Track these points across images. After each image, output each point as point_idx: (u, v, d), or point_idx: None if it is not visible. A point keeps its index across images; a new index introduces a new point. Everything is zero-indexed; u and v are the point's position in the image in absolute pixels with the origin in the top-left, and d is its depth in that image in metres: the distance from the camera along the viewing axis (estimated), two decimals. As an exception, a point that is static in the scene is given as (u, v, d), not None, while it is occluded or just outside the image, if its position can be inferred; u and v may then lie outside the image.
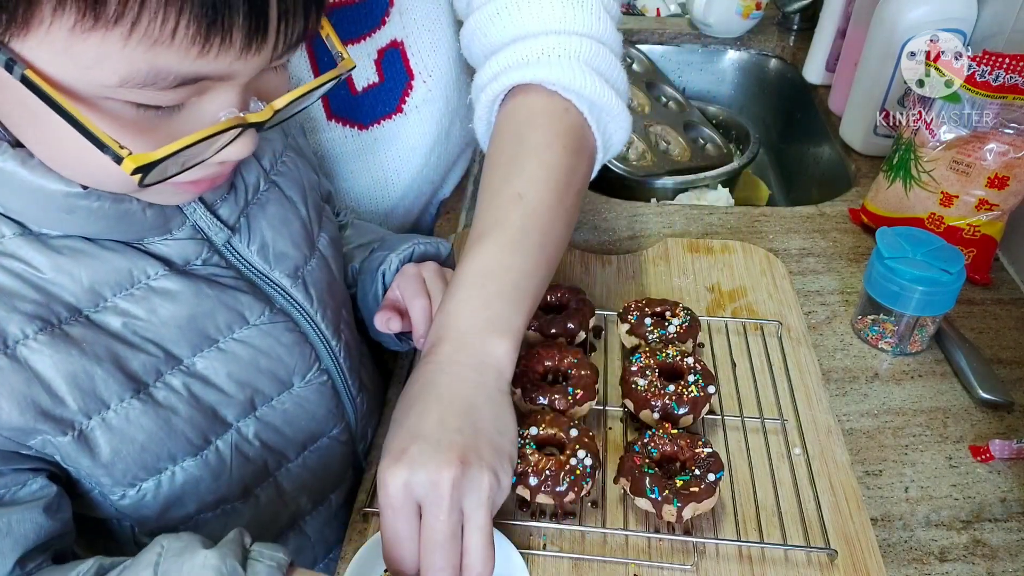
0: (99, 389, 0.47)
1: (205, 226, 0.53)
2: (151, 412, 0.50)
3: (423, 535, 0.49)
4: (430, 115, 0.87)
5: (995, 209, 0.87)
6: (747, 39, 1.51)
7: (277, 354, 0.57)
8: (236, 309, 0.54)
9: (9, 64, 0.38)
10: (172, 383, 0.51)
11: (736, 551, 0.62)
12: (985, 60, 0.83)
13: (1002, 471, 0.71)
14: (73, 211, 0.46)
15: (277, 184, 0.60)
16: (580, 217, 1.01)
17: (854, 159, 1.15)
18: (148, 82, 0.39)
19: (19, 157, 0.44)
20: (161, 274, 0.51)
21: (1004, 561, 0.64)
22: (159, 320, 0.50)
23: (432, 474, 0.49)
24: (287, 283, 0.58)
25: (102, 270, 0.48)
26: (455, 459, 0.49)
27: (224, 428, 0.55)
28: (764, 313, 0.85)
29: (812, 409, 0.74)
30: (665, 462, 0.65)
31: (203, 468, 0.54)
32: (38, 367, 0.45)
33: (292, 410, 0.59)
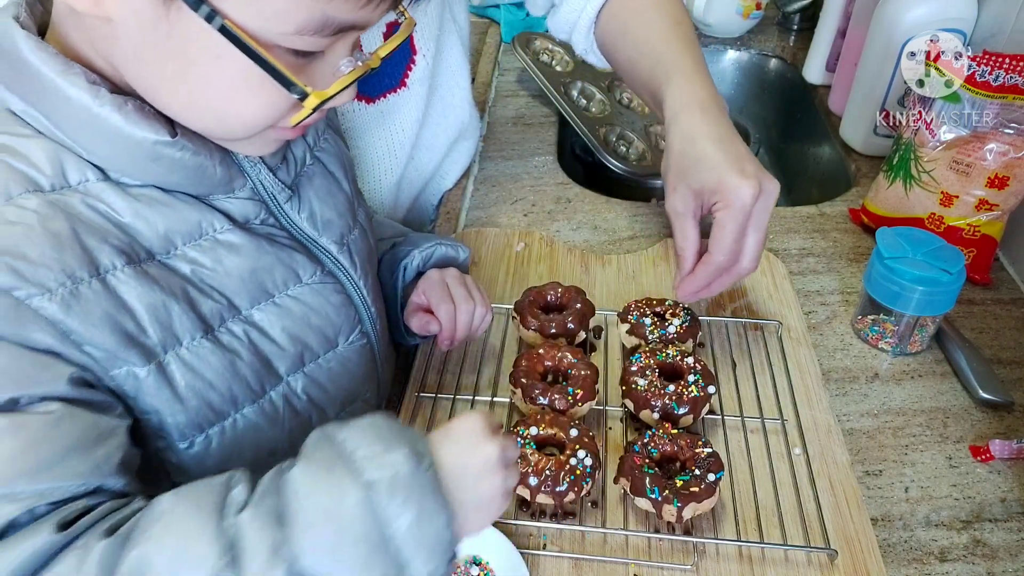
0: (175, 324, 0.50)
1: (266, 187, 0.57)
2: (218, 353, 0.52)
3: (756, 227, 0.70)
4: (429, 89, 0.92)
5: (995, 209, 0.87)
6: (747, 39, 1.51)
7: (326, 313, 0.60)
8: (291, 267, 0.57)
9: (210, 16, 0.43)
10: (234, 330, 0.54)
11: (736, 551, 0.62)
12: (985, 60, 0.83)
13: (1002, 471, 0.71)
14: (158, 159, 0.49)
15: (320, 160, 0.64)
16: (580, 217, 1.02)
17: (854, 159, 1.15)
18: (316, 30, 0.45)
19: (116, 103, 0.47)
20: (226, 228, 0.54)
21: (1004, 561, 0.64)
22: (223, 270, 0.53)
23: (771, 185, 0.70)
24: (334, 249, 0.62)
25: (175, 219, 0.51)
26: (772, 176, 0.71)
27: (276, 380, 0.57)
28: (764, 313, 0.85)
29: (812, 409, 0.74)
30: (665, 462, 0.65)
31: (260, 415, 0.56)
32: (125, 296, 0.48)
33: (336, 368, 0.62)
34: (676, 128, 0.72)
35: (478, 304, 0.73)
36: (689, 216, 0.73)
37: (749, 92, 1.53)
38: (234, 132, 0.51)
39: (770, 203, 0.70)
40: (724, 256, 0.70)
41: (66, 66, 0.47)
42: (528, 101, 1.31)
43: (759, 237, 0.70)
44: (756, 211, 0.69)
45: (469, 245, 0.87)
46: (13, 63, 0.47)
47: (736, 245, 0.70)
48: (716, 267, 0.71)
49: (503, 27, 1.51)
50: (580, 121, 1.18)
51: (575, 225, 1.00)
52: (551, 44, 1.34)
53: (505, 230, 0.98)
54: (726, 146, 0.70)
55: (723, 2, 1.43)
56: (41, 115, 0.48)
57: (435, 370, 0.78)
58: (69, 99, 0.46)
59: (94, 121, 0.47)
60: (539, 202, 1.05)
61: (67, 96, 0.46)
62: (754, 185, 0.68)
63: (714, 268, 0.71)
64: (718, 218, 0.70)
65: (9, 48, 0.47)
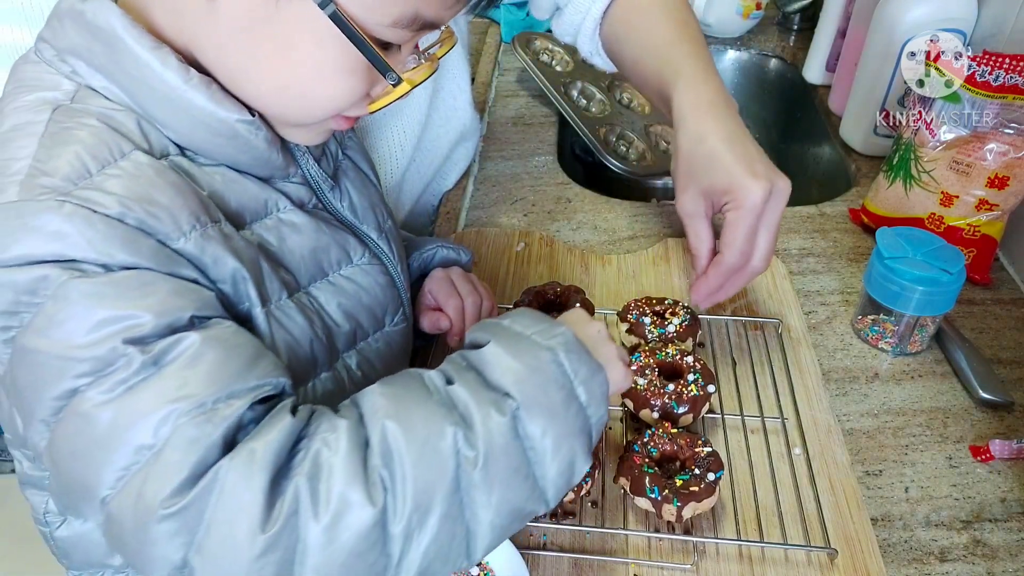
0: (265, 282, 0.52)
1: (315, 175, 0.59)
2: (301, 315, 0.54)
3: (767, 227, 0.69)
4: (431, 92, 0.93)
5: (995, 209, 0.87)
6: (747, 39, 1.51)
7: (375, 293, 0.62)
8: (344, 248, 0.59)
9: (324, 2, 0.45)
10: (303, 300, 0.56)
11: (736, 550, 0.62)
12: (985, 60, 0.83)
13: (1002, 471, 0.71)
14: (235, 137, 0.51)
15: (350, 156, 0.66)
16: (580, 217, 1.02)
17: (854, 159, 1.15)
18: (407, 24, 0.48)
19: (204, 82, 0.49)
20: (288, 207, 0.56)
21: (1004, 561, 0.64)
22: (287, 249, 0.55)
23: (783, 184, 0.69)
24: (375, 235, 0.64)
25: (245, 196, 0.53)
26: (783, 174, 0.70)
27: (336, 356, 0.59)
28: (764, 313, 0.85)
29: (812, 409, 0.74)
30: (665, 461, 0.65)
31: (334, 383, 0.58)
32: (219, 252, 0.49)
33: (382, 349, 0.63)
34: (684, 128, 0.72)
35: (484, 298, 0.74)
36: (701, 216, 0.72)
37: (749, 92, 1.53)
38: (312, 116, 0.53)
39: (781, 202, 0.69)
40: (735, 257, 0.69)
41: (156, 44, 0.48)
42: (528, 101, 1.31)
43: (770, 237, 0.70)
44: (767, 211, 0.68)
45: (469, 245, 0.87)
46: (104, 39, 0.48)
47: (747, 245, 0.69)
48: (728, 268, 0.70)
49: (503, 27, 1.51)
50: (580, 121, 1.18)
51: (575, 225, 1.00)
52: (551, 44, 1.34)
53: (505, 230, 0.98)
54: (736, 145, 0.70)
55: (723, 2, 1.43)
56: (123, 92, 0.49)
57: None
58: (159, 76, 0.48)
59: (181, 98, 0.48)
60: (539, 202, 1.05)
61: (158, 74, 0.48)
62: (765, 185, 0.67)
63: (726, 269, 0.70)
64: (729, 219, 0.69)
65: (102, 24, 0.48)
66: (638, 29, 0.81)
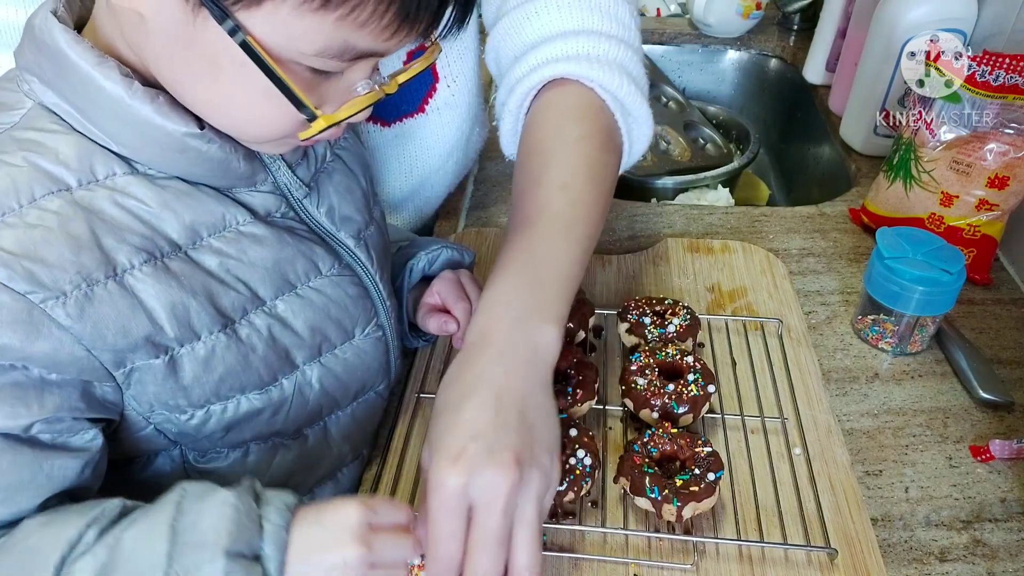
0: (193, 320, 0.51)
1: (286, 183, 0.58)
2: (233, 348, 0.53)
3: (473, 536, 0.47)
4: (451, 119, 0.90)
5: (995, 209, 0.87)
6: (747, 39, 1.51)
7: (344, 304, 0.61)
8: (312, 259, 0.58)
9: (233, 31, 0.44)
10: (255, 322, 0.55)
11: (736, 550, 0.62)
12: (985, 60, 0.83)
13: (1002, 471, 0.71)
14: (185, 151, 0.50)
15: (341, 157, 0.65)
16: (580, 217, 1.01)
17: (854, 159, 1.15)
18: (336, 55, 0.46)
19: (149, 95, 0.48)
20: (248, 220, 0.55)
21: (1004, 561, 0.64)
22: (248, 261, 0.54)
23: (492, 478, 0.47)
24: (351, 243, 0.62)
25: (200, 211, 0.52)
26: (512, 462, 0.47)
27: (292, 369, 0.58)
28: (764, 313, 0.85)
29: (812, 409, 0.74)
30: (665, 461, 0.65)
31: (266, 402, 0.57)
32: (142, 295, 0.49)
33: (351, 360, 0.62)
34: (455, 359, 0.55)
35: None
36: None
37: (749, 92, 1.53)
38: (253, 137, 0.53)
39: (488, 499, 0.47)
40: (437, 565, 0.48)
41: (101, 59, 0.48)
42: (528, 101, 1.31)
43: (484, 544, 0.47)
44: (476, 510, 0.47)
45: (469, 245, 0.87)
46: (50, 55, 0.48)
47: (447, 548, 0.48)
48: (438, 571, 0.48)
49: (503, 27, 1.50)
50: (580, 121, 1.18)
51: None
52: (551, 44, 1.34)
53: (505, 230, 0.98)
54: (465, 408, 0.50)
55: (723, 2, 1.43)
56: (73, 108, 0.49)
57: (435, 371, 0.78)
58: (103, 90, 0.48)
59: (126, 112, 0.48)
60: (539, 202, 1.05)
61: (101, 87, 0.48)
62: (460, 475, 0.47)
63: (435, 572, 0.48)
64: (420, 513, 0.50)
65: (47, 41, 0.48)
66: (516, 177, 0.65)
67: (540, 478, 0.49)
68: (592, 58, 0.65)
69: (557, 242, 0.59)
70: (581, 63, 0.65)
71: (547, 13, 0.68)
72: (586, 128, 0.64)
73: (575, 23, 0.67)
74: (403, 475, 0.68)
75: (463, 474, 0.47)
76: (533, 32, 0.69)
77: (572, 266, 0.59)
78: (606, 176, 0.65)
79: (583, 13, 0.68)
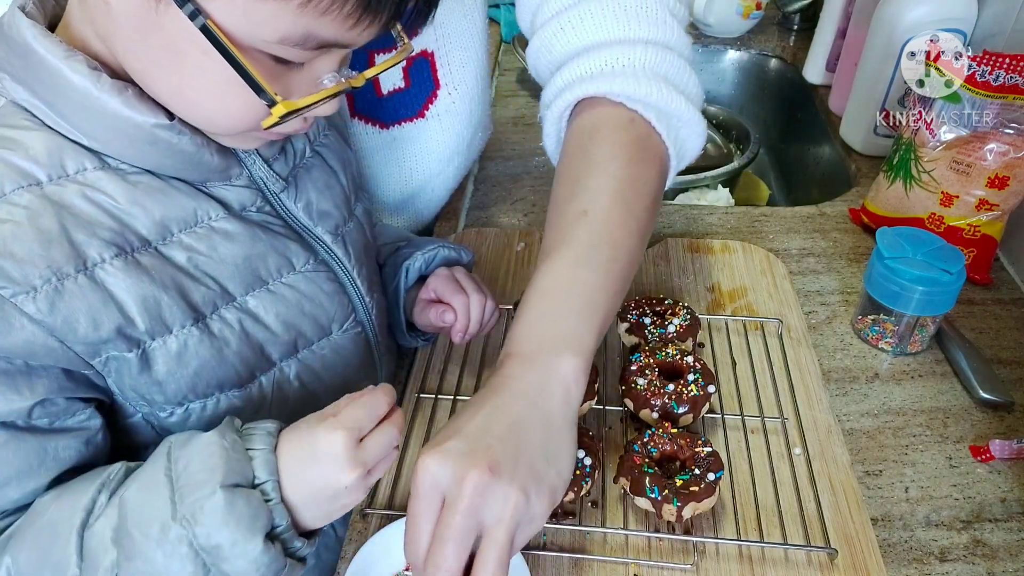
0: (164, 314, 0.51)
1: (262, 177, 0.58)
2: (206, 341, 0.54)
3: (437, 527, 0.48)
4: (451, 125, 0.90)
5: (995, 209, 0.87)
6: (747, 39, 1.51)
7: (319, 300, 0.61)
8: (285, 255, 0.58)
9: (194, 14, 0.44)
10: (227, 317, 0.55)
11: (736, 550, 0.62)
12: (985, 60, 0.83)
13: (1002, 471, 0.71)
14: (155, 143, 0.50)
15: (320, 154, 0.65)
16: (580, 217, 1.01)
17: (854, 159, 1.15)
18: (298, 43, 0.46)
19: (117, 87, 0.48)
20: (221, 216, 0.55)
21: (1004, 561, 0.64)
22: (218, 257, 0.54)
23: (459, 470, 0.47)
24: (328, 239, 0.63)
25: (171, 206, 0.52)
26: (485, 463, 0.47)
27: (269, 365, 0.58)
28: (764, 313, 0.85)
29: (812, 409, 0.74)
30: (665, 461, 0.65)
31: (246, 400, 0.57)
32: (113, 289, 0.49)
33: (330, 356, 0.63)
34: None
35: (488, 297, 0.73)
36: None
37: (749, 92, 1.53)
38: (218, 127, 0.52)
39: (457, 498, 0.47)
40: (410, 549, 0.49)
41: (68, 52, 0.48)
42: (528, 101, 1.32)
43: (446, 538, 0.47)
44: (445, 512, 0.47)
45: (469, 245, 0.87)
46: (19, 51, 0.48)
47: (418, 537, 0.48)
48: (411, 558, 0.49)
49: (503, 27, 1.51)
50: (580, 121, 1.18)
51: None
52: (551, 44, 1.34)
53: (505, 230, 0.98)
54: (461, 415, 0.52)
55: (723, 2, 1.43)
56: (43, 104, 0.49)
57: (435, 371, 0.78)
58: (71, 84, 0.48)
59: (95, 105, 0.48)
60: (539, 202, 1.05)
61: (69, 81, 0.48)
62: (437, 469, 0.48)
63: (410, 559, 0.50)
64: None
65: (15, 36, 0.48)
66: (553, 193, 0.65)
67: (517, 498, 0.47)
68: (617, 71, 0.64)
69: (577, 269, 0.58)
70: (604, 80, 0.63)
71: (573, 28, 0.67)
72: (610, 147, 0.63)
73: (602, 34, 0.65)
74: (402, 475, 0.68)
75: (436, 461, 0.48)
76: (561, 48, 0.68)
77: (596, 292, 0.57)
78: (640, 192, 0.62)
79: (611, 21, 0.65)
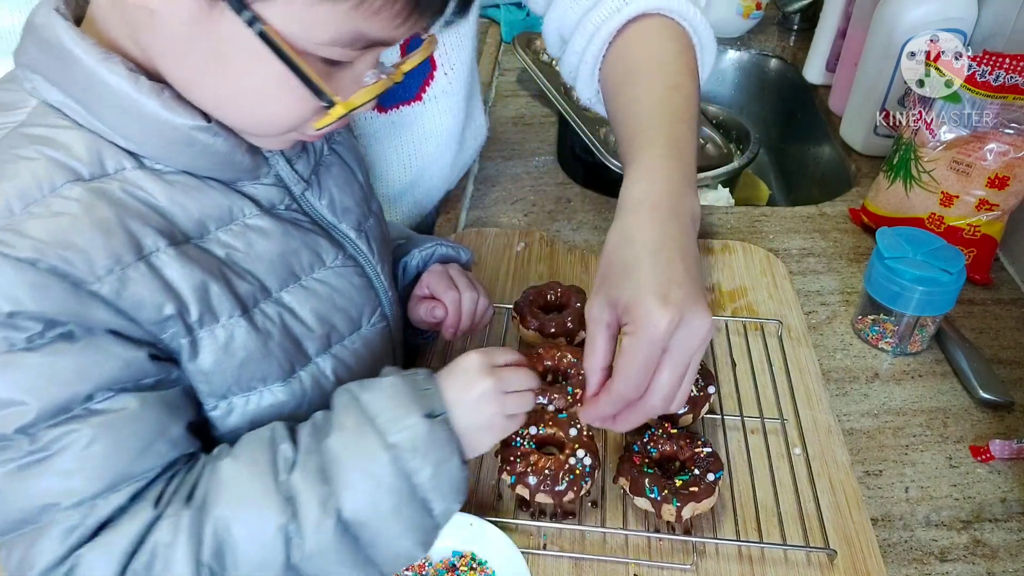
0: (214, 302, 0.52)
1: (286, 176, 0.59)
2: (252, 333, 0.54)
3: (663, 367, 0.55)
4: (448, 107, 0.91)
5: (995, 209, 0.87)
6: (747, 39, 1.51)
7: (349, 294, 0.61)
8: (316, 250, 0.59)
9: (252, 20, 0.45)
10: (267, 311, 0.56)
11: (736, 551, 0.62)
12: (985, 60, 0.83)
13: (1002, 471, 0.71)
14: (191, 144, 0.51)
15: (336, 152, 0.66)
16: (580, 217, 1.01)
17: (854, 159, 1.15)
18: (347, 43, 0.47)
19: (155, 90, 0.49)
20: (255, 213, 0.56)
21: (1004, 561, 0.64)
22: (255, 254, 0.55)
23: (697, 321, 0.55)
24: (353, 235, 0.63)
25: (208, 204, 0.53)
26: (707, 309, 0.56)
27: (306, 360, 0.59)
28: (764, 313, 0.85)
29: (812, 409, 0.74)
30: (665, 462, 0.65)
31: (288, 395, 0.58)
32: (169, 276, 0.50)
33: (360, 351, 0.63)
34: (617, 223, 0.61)
35: (481, 295, 0.73)
36: (603, 326, 0.59)
37: (749, 92, 1.53)
38: (263, 130, 0.53)
39: (691, 341, 0.55)
40: (626, 387, 0.56)
41: (105, 55, 0.48)
42: (528, 101, 1.32)
43: (675, 376, 0.56)
44: (673, 346, 0.55)
45: (469, 245, 0.87)
46: (55, 53, 0.48)
47: (641, 378, 0.56)
48: (618, 396, 0.57)
49: (503, 27, 1.51)
50: (580, 121, 1.18)
51: (575, 225, 1.00)
52: (551, 44, 1.34)
53: (505, 230, 0.98)
54: (660, 259, 0.57)
55: (723, 2, 1.43)
56: (79, 105, 0.49)
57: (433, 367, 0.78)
58: (109, 86, 0.48)
59: (133, 107, 0.49)
60: (539, 202, 1.05)
61: (107, 83, 0.48)
62: (671, 315, 0.54)
63: (615, 397, 0.57)
64: (624, 343, 0.57)
65: (51, 39, 0.48)
66: (626, 86, 0.72)
67: (711, 327, 0.57)
68: None
69: (684, 129, 0.66)
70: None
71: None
72: (680, 45, 0.73)
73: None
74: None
75: (674, 313, 0.54)
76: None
77: (695, 148, 0.67)
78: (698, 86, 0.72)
79: None
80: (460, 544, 0.62)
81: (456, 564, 0.61)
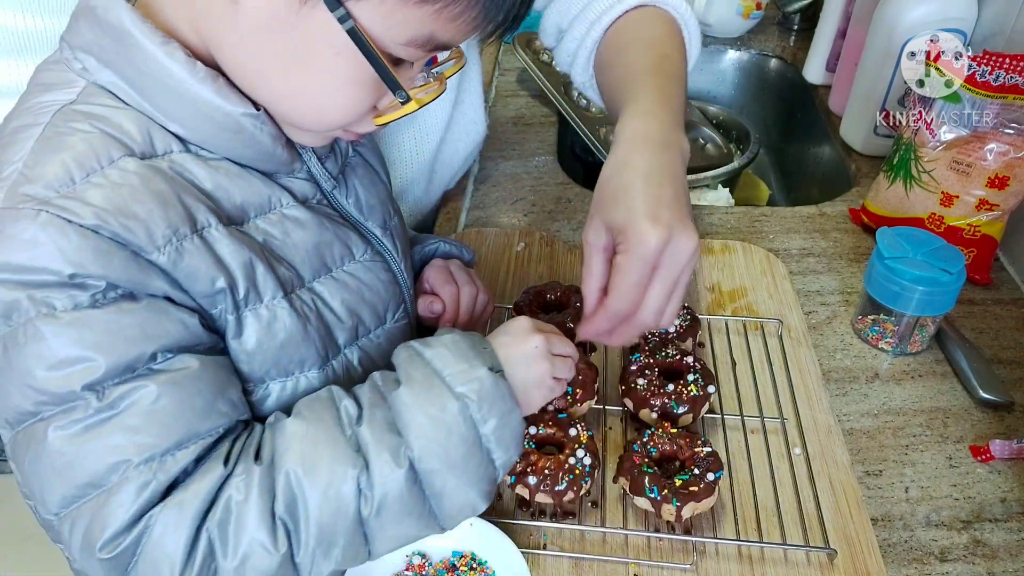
0: (259, 281, 0.53)
1: (317, 173, 0.60)
2: (293, 315, 0.55)
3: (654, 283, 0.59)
4: (443, 98, 0.90)
5: (995, 209, 0.87)
6: (747, 39, 1.51)
7: (377, 289, 0.63)
8: (347, 244, 0.60)
9: (344, 17, 0.46)
10: (304, 297, 0.57)
11: (736, 550, 0.62)
12: (985, 60, 0.83)
13: (1002, 471, 0.71)
14: (239, 132, 0.52)
15: (360, 153, 0.67)
16: (580, 217, 1.01)
17: (854, 159, 1.15)
18: (421, 44, 0.49)
19: (210, 75, 0.50)
20: (291, 204, 0.57)
21: (1004, 561, 0.64)
22: (291, 243, 0.56)
23: (685, 241, 0.58)
24: (379, 232, 0.65)
25: (249, 191, 0.54)
26: (694, 229, 0.59)
27: (337, 350, 0.60)
28: (764, 313, 0.85)
29: (812, 409, 0.74)
30: (664, 461, 0.65)
31: (322, 382, 0.58)
32: (220, 251, 0.51)
33: (385, 345, 0.64)
34: (612, 155, 0.64)
35: (481, 291, 0.74)
36: (599, 250, 0.62)
37: (749, 92, 1.53)
38: (321, 123, 0.54)
39: (680, 257, 0.59)
40: (620, 303, 0.60)
41: (165, 40, 0.49)
42: (528, 101, 1.32)
43: (664, 291, 0.59)
44: (663, 263, 0.59)
45: (469, 245, 0.87)
46: (113, 35, 0.49)
47: (634, 294, 0.60)
48: (613, 313, 0.61)
49: (503, 27, 1.50)
50: (580, 121, 1.18)
51: (575, 225, 1.00)
52: (551, 44, 1.34)
53: (505, 230, 0.98)
54: (651, 184, 0.60)
55: (723, 2, 1.43)
56: (131, 87, 0.50)
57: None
58: (166, 70, 0.49)
59: (187, 92, 0.49)
60: (539, 202, 1.05)
61: (164, 67, 0.49)
62: (660, 233, 0.58)
63: (611, 314, 0.61)
64: (617, 262, 0.60)
65: (112, 20, 0.49)
66: (618, 59, 0.76)
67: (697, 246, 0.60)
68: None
69: (674, 87, 0.70)
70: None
71: None
72: (671, 29, 0.77)
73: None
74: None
75: (664, 232, 0.57)
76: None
77: (684, 106, 0.70)
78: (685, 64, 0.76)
79: None
80: (460, 544, 0.62)
81: (456, 564, 0.61)
